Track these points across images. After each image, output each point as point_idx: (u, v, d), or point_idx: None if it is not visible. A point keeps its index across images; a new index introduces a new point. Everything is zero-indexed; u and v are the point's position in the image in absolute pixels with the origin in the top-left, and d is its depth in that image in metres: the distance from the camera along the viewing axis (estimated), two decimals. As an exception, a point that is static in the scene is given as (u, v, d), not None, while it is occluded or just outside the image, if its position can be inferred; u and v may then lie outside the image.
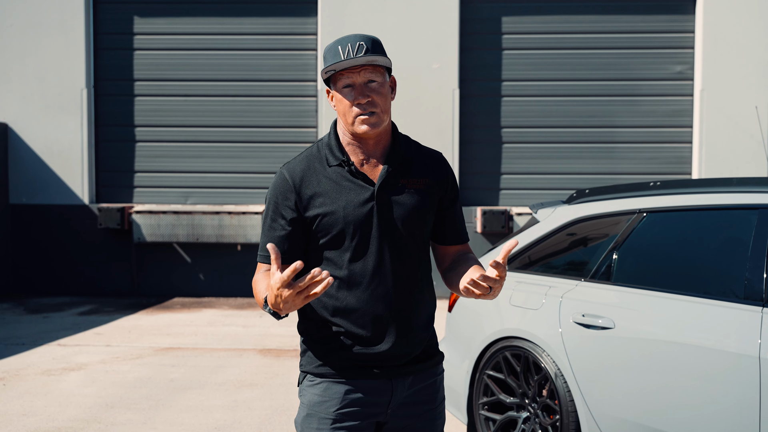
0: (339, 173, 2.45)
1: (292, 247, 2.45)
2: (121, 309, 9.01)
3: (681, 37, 9.68)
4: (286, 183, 2.45)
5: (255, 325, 8.21)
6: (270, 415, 5.37)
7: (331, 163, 2.46)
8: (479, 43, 9.77)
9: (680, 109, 9.71)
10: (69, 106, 9.83)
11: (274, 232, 2.45)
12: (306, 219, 2.44)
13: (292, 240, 2.44)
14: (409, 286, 2.47)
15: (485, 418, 4.46)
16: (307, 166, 2.47)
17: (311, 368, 2.48)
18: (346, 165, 2.45)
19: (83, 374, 6.32)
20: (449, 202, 2.58)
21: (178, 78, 10.00)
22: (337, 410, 2.42)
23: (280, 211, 2.44)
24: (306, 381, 2.50)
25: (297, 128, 9.94)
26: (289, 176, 2.46)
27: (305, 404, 2.47)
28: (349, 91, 2.42)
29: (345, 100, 2.42)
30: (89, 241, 9.88)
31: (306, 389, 2.49)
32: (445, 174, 2.57)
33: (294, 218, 2.44)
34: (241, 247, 9.80)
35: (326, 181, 2.44)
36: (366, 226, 2.42)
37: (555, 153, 9.79)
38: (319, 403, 2.44)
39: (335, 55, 2.40)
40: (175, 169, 10.03)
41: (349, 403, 2.43)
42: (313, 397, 2.46)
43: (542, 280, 4.36)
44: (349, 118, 2.42)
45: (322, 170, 2.46)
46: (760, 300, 3.45)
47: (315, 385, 2.46)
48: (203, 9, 9.96)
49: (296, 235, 2.44)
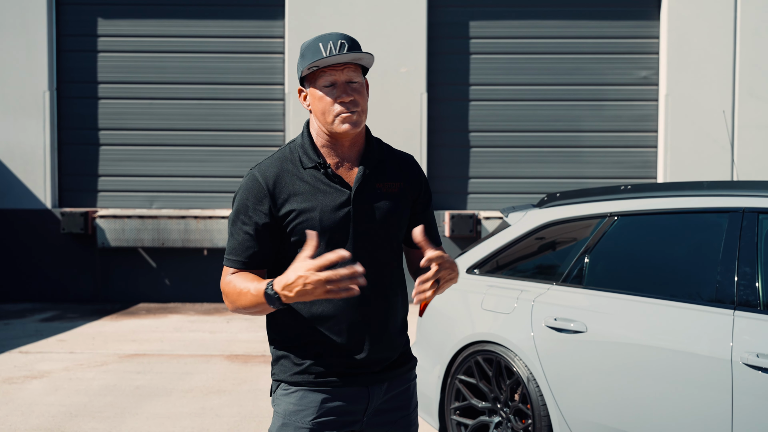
0: (314, 176, 2.39)
1: (262, 251, 2.38)
2: (85, 315, 8.86)
3: (646, 43, 9.77)
4: (259, 186, 2.37)
5: (222, 330, 8.12)
6: (239, 422, 5.30)
7: (306, 165, 2.40)
8: (447, 48, 9.78)
9: (645, 113, 9.79)
10: (31, 108, 9.66)
11: (244, 236, 2.37)
12: (279, 223, 2.38)
13: (261, 244, 2.38)
14: (385, 290, 2.44)
15: (457, 423, 4.44)
16: (280, 168, 2.40)
17: (285, 376, 2.42)
18: (322, 167, 2.40)
19: (46, 382, 6.19)
20: (423, 205, 2.55)
21: (143, 81, 9.87)
22: (314, 419, 2.37)
23: (250, 215, 2.37)
24: (280, 390, 2.43)
25: (264, 131, 9.86)
26: (262, 179, 2.38)
27: (280, 413, 2.41)
28: (330, 89, 2.36)
29: (326, 98, 2.36)
30: (52, 246, 9.71)
31: (280, 398, 2.42)
32: (419, 177, 2.54)
33: (266, 223, 2.37)
34: (208, 252, 9.69)
35: (301, 183, 2.38)
36: (342, 231, 2.38)
37: (522, 157, 9.83)
38: (295, 413, 2.38)
39: (316, 51, 2.35)
40: (140, 173, 9.89)
41: (326, 412, 2.38)
42: (288, 406, 2.40)
43: (514, 284, 4.36)
44: (329, 116, 2.36)
45: (297, 172, 2.39)
46: (732, 303, 3.47)
47: (290, 393, 2.40)
48: (169, 11, 9.85)
49: (266, 239, 2.38)
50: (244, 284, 2.33)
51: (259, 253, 2.39)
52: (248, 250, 2.38)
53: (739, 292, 3.46)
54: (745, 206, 3.61)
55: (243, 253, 2.39)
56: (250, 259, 2.39)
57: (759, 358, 3.25)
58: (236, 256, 2.39)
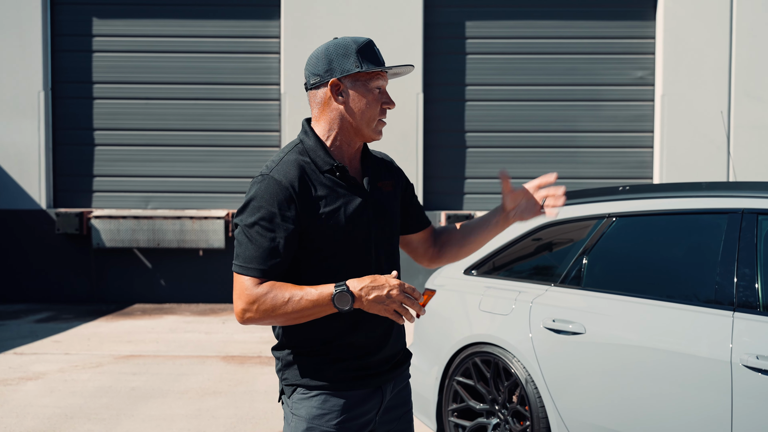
0: (332, 179, 2.36)
1: (287, 258, 2.30)
2: (80, 316, 8.82)
3: (642, 43, 9.77)
4: (285, 190, 2.28)
5: (217, 331, 8.09)
6: (235, 424, 5.28)
7: (323, 168, 2.36)
8: (443, 48, 9.77)
9: (641, 114, 9.79)
10: (25, 108, 9.62)
11: (270, 243, 2.27)
12: (304, 228, 2.31)
13: (287, 251, 2.29)
14: None
15: (455, 424, 4.42)
16: (301, 171, 2.32)
17: (304, 381, 2.38)
18: (338, 170, 2.37)
19: (41, 384, 6.16)
20: (410, 194, 2.65)
21: (138, 81, 9.83)
22: (338, 422, 2.36)
23: (277, 221, 2.27)
24: (298, 394, 2.39)
25: (260, 132, 9.84)
26: (287, 182, 2.29)
27: (303, 417, 2.37)
28: (379, 93, 2.39)
29: (376, 101, 2.37)
30: (47, 247, 9.67)
31: (301, 402, 2.38)
32: (399, 172, 2.62)
33: (294, 229, 2.28)
34: (203, 253, 9.66)
35: (322, 188, 2.34)
36: (364, 233, 2.38)
37: (518, 157, 9.81)
38: (319, 416, 2.36)
39: (372, 53, 2.36)
40: (135, 174, 9.86)
41: (348, 414, 2.38)
42: (311, 410, 2.36)
43: (512, 285, 4.34)
44: (373, 120, 2.38)
45: (316, 176, 2.34)
46: (731, 304, 3.45)
47: (312, 397, 2.37)
48: (164, 11, 9.81)
49: (292, 245, 2.30)
50: (291, 291, 2.24)
51: (284, 262, 2.29)
52: (273, 257, 2.27)
53: (738, 294, 3.45)
54: (744, 207, 3.60)
55: (267, 261, 2.27)
56: (274, 268, 2.28)
57: (759, 360, 3.23)
58: (260, 264, 2.27)
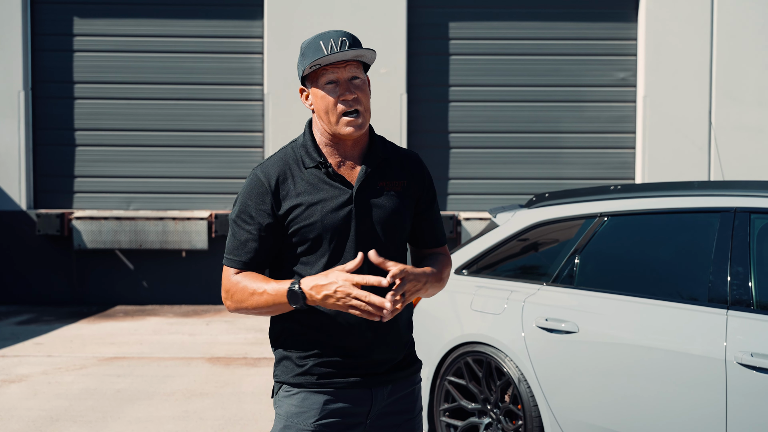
0: (316, 175, 2.37)
1: (264, 250, 2.36)
2: (61, 318, 8.73)
3: (624, 44, 9.83)
4: (262, 185, 2.35)
5: (202, 333, 8.04)
6: (223, 425, 5.24)
7: (308, 164, 2.38)
8: (427, 48, 9.77)
9: (623, 115, 9.85)
10: (5, 109, 9.50)
11: (247, 235, 2.35)
12: (281, 223, 2.35)
13: (263, 244, 2.35)
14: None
15: (446, 424, 4.41)
16: (282, 167, 2.38)
17: (287, 378, 2.38)
18: (323, 167, 2.37)
19: (25, 386, 6.09)
20: (427, 204, 2.52)
21: (119, 80, 9.75)
22: (316, 421, 2.34)
23: (252, 214, 2.35)
24: (282, 391, 2.40)
25: (242, 132, 9.79)
26: (264, 178, 2.36)
27: (282, 415, 2.37)
28: (333, 87, 2.34)
29: (329, 97, 2.34)
30: (27, 248, 9.56)
31: (282, 400, 2.39)
32: (422, 174, 2.51)
33: (269, 223, 2.34)
34: (186, 254, 9.60)
35: (303, 183, 2.36)
36: (344, 230, 2.35)
37: (502, 158, 9.84)
38: (297, 414, 2.35)
39: (317, 49, 2.32)
40: (116, 174, 9.77)
41: (328, 414, 2.34)
42: (290, 408, 2.36)
43: (503, 284, 4.34)
44: (333, 116, 2.34)
45: (299, 172, 2.37)
46: (725, 303, 3.47)
47: (292, 395, 2.37)
48: (146, 10, 9.74)
49: (269, 239, 2.36)
50: (256, 284, 2.31)
51: (261, 253, 2.37)
52: (250, 249, 2.36)
53: (732, 292, 3.47)
54: (736, 206, 3.62)
55: (245, 253, 2.37)
56: (251, 259, 2.37)
57: (753, 358, 3.26)
58: (237, 256, 2.37)
